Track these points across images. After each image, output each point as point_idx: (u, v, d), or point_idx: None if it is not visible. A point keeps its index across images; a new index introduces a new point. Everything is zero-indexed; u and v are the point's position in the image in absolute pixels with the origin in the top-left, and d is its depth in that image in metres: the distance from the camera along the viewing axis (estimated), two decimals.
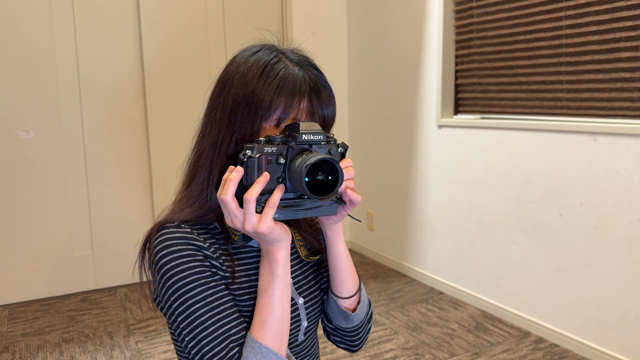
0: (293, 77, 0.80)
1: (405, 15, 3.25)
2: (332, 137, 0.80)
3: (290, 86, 0.80)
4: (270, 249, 0.79)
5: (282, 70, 0.81)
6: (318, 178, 0.73)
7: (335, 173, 0.73)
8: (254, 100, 0.79)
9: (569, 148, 2.38)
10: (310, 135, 0.75)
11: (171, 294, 0.79)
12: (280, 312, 0.79)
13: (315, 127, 0.76)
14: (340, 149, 0.81)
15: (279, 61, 0.82)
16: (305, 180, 0.71)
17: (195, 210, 0.82)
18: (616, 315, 2.25)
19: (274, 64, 0.81)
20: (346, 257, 0.91)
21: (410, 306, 2.96)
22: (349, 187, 0.80)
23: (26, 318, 2.91)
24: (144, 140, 3.32)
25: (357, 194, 0.81)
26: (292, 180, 0.74)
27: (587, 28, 2.30)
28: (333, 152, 0.79)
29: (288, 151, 0.75)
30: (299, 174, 0.71)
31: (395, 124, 3.43)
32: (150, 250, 0.82)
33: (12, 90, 2.98)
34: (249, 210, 0.73)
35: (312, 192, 0.72)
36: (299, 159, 0.73)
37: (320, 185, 0.73)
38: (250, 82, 0.80)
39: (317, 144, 0.76)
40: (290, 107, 0.80)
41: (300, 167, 0.71)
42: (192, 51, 3.36)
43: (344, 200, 0.82)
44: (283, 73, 0.80)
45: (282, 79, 0.80)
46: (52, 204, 3.14)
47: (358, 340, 0.99)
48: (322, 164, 0.72)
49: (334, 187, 0.73)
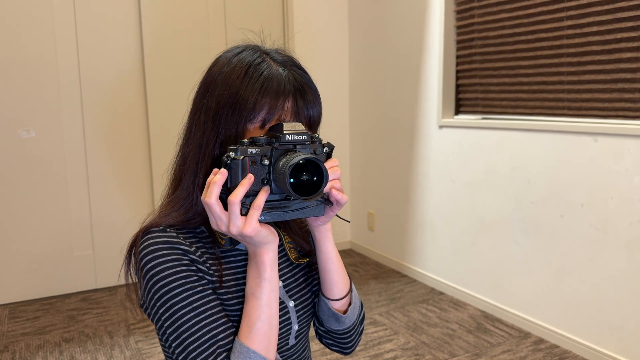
0: (277, 78, 0.79)
1: (407, 15, 3.25)
2: (317, 137, 0.79)
3: (274, 87, 0.78)
4: (257, 252, 0.77)
5: (265, 70, 0.79)
6: (303, 178, 0.72)
7: (320, 173, 0.72)
8: (238, 101, 0.78)
9: (570, 148, 2.38)
10: (294, 135, 0.74)
11: (157, 299, 0.77)
12: (268, 315, 0.78)
13: (298, 127, 0.75)
14: (326, 148, 0.80)
15: (262, 61, 0.81)
16: (289, 180, 0.70)
17: (181, 215, 0.81)
18: (617, 317, 2.25)
19: (258, 65, 0.80)
20: (336, 258, 0.90)
21: (411, 306, 2.96)
22: (335, 187, 0.79)
23: (26, 317, 2.91)
24: (144, 140, 3.32)
25: (344, 193, 0.80)
26: (276, 181, 0.73)
27: (588, 28, 2.30)
28: (319, 152, 0.78)
29: (272, 152, 0.74)
30: (283, 175, 0.70)
31: (396, 124, 3.43)
32: (136, 255, 0.81)
33: (14, 90, 2.98)
34: (234, 213, 0.71)
35: (297, 193, 0.70)
36: (283, 160, 0.72)
37: (306, 186, 0.72)
38: (234, 84, 0.79)
39: (302, 144, 0.75)
40: (274, 108, 0.78)
41: (284, 168, 0.70)
42: (193, 51, 3.35)
43: (330, 201, 0.81)
44: (267, 73, 0.79)
45: (266, 79, 0.78)
46: (52, 204, 3.14)
47: (350, 342, 0.97)
48: (306, 164, 0.71)
49: (319, 187, 0.72)
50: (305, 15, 3.65)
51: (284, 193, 0.76)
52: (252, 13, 3.51)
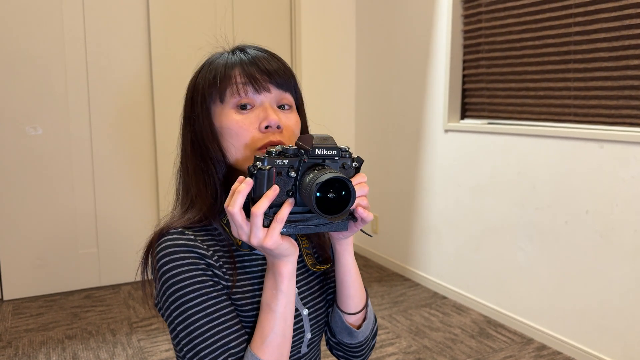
0: (224, 60, 0.84)
1: (414, 19, 3.25)
2: (347, 151, 0.76)
3: (220, 68, 0.83)
4: (276, 263, 0.76)
5: (218, 60, 0.85)
6: (329, 196, 0.70)
7: (347, 190, 0.70)
8: (200, 94, 0.84)
9: (575, 155, 2.37)
10: (323, 149, 0.73)
11: (171, 302, 0.77)
12: (282, 328, 0.77)
13: (329, 141, 0.74)
14: (355, 163, 0.77)
15: (220, 56, 0.86)
16: (315, 196, 0.68)
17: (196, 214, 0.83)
18: (620, 324, 2.23)
19: (214, 60, 0.86)
20: (354, 272, 0.88)
21: (413, 310, 2.96)
22: (361, 204, 0.77)
23: (30, 314, 2.92)
24: (150, 138, 3.33)
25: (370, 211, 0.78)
26: (302, 195, 0.72)
27: (596, 35, 2.29)
28: (347, 166, 0.76)
29: (300, 164, 0.72)
30: (309, 191, 0.68)
31: (401, 128, 3.43)
32: (153, 257, 0.81)
33: (21, 87, 3.00)
34: (256, 225, 0.70)
35: (322, 210, 0.69)
36: (310, 175, 0.70)
37: (331, 203, 0.70)
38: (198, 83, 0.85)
39: (331, 158, 0.74)
40: (225, 83, 0.82)
41: (310, 185, 0.68)
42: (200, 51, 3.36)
43: (355, 217, 0.79)
44: (217, 62, 0.84)
45: (215, 66, 0.84)
46: (58, 201, 3.16)
47: (361, 356, 0.96)
48: (334, 182, 0.69)
49: (345, 205, 0.70)
50: (313, 18, 3.66)
51: (307, 207, 0.74)
52: (260, 19, 3.52)
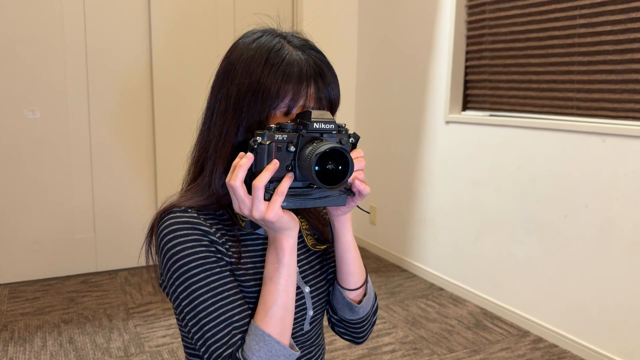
0: (298, 63, 0.79)
1: (417, 9, 3.22)
2: (344, 127, 0.79)
3: (296, 72, 0.78)
4: (277, 237, 0.78)
5: (286, 56, 0.79)
6: (328, 167, 0.72)
7: (345, 163, 0.72)
8: (261, 89, 0.78)
9: (577, 148, 2.36)
10: (321, 124, 0.75)
11: (175, 278, 0.78)
12: (284, 300, 0.78)
13: (326, 115, 0.76)
14: (352, 139, 0.80)
15: (282, 47, 0.80)
16: (314, 169, 0.71)
17: (203, 200, 0.82)
18: (617, 318, 2.24)
19: (278, 50, 0.79)
20: (354, 249, 0.90)
21: (410, 301, 2.96)
22: (358, 177, 0.79)
23: (26, 297, 2.91)
24: (149, 125, 3.31)
25: (367, 185, 0.80)
26: (301, 168, 0.74)
27: (601, 28, 2.28)
28: (344, 141, 0.78)
29: (299, 139, 0.74)
30: (309, 163, 0.71)
31: (402, 118, 3.42)
32: (156, 235, 0.82)
33: (20, 70, 2.97)
34: (257, 198, 0.72)
35: (322, 182, 0.71)
36: (309, 148, 0.73)
37: (330, 175, 0.72)
38: (255, 71, 0.78)
39: (329, 132, 0.76)
40: (298, 95, 0.79)
41: (310, 156, 0.71)
42: (201, 38, 3.34)
43: (353, 191, 0.81)
44: (288, 59, 0.79)
45: (287, 65, 0.78)
46: (55, 185, 3.14)
47: (363, 332, 0.98)
48: (332, 153, 0.72)
49: (343, 177, 0.72)
50: (315, 7, 3.63)
51: (307, 181, 0.76)
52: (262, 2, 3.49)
